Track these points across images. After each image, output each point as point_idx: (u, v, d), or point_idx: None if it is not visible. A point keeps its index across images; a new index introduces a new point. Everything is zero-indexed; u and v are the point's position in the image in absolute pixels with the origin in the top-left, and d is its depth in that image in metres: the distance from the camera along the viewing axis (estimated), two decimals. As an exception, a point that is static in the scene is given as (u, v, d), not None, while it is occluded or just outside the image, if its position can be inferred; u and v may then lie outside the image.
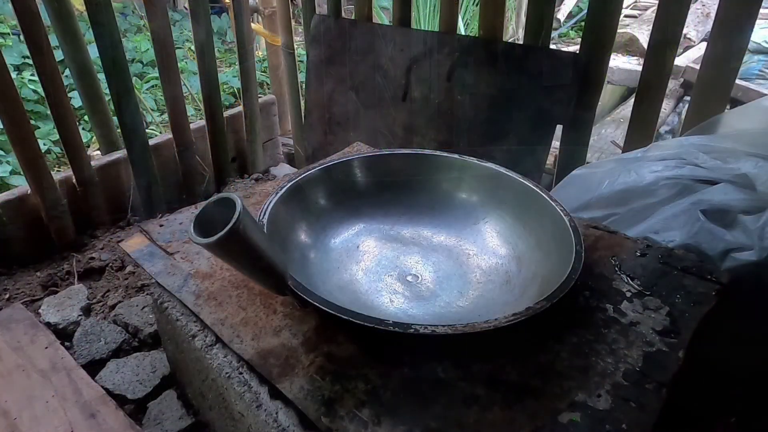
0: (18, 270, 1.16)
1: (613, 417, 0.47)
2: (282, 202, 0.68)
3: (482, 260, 0.70)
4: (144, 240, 0.74)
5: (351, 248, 0.72)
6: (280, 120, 1.69)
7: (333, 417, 0.48)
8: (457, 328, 0.50)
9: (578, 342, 0.55)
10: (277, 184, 0.78)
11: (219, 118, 1.43)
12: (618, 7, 0.93)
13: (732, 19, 0.81)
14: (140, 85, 2.18)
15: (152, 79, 2.22)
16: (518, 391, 0.50)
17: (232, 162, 1.53)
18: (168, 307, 0.65)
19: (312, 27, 1.32)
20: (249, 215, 0.45)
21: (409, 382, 0.51)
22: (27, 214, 1.15)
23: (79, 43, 1.17)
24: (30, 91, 1.92)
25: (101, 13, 1.12)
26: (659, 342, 0.54)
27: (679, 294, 0.61)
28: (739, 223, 0.74)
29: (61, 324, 0.97)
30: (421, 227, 0.75)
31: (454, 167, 0.77)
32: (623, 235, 0.71)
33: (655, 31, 0.89)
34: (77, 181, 1.21)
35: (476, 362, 0.52)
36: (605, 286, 0.62)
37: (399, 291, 0.66)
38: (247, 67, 1.45)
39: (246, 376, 0.55)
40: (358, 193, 0.76)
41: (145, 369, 0.86)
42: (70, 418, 0.73)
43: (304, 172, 0.74)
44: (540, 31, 1.00)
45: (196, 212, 0.47)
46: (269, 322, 0.58)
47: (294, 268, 0.56)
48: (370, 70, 1.24)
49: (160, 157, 1.34)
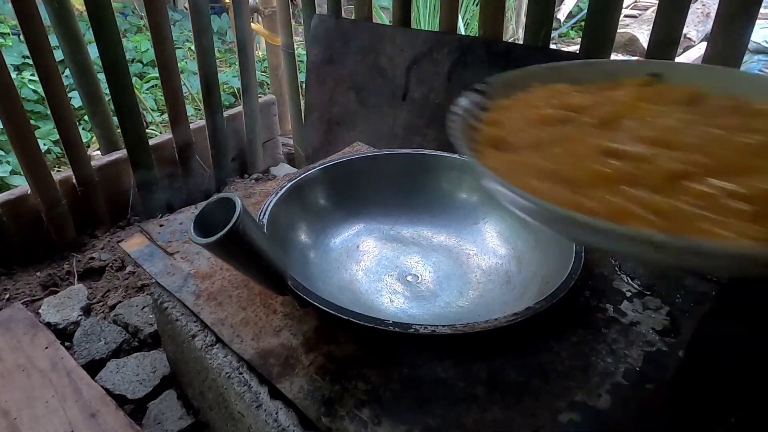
0: (18, 270, 1.16)
1: (613, 417, 0.47)
2: (282, 202, 0.68)
3: (482, 260, 0.70)
4: (144, 240, 0.74)
5: (351, 248, 0.72)
6: (280, 120, 1.69)
7: (333, 417, 0.48)
8: (457, 328, 0.50)
9: (578, 342, 0.55)
10: (277, 184, 0.78)
11: (219, 118, 1.43)
12: (618, 7, 0.93)
13: (732, 19, 0.81)
14: (140, 85, 2.18)
15: (152, 79, 2.22)
16: (518, 391, 0.50)
17: (232, 162, 1.53)
18: (168, 307, 0.65)
19: (312, 27, 1.32)
20: (249, 215, 0.45)
21: (409, 382, 0.51)
22: (27, 214, 1.15)
23: (79, 43, 1.17)
24: (30, 91, 1.92)
25: (101, 13, 1.12)
26: (659, 342, 0.55)
27: (679, 294, 0.61)
28: (739, 223, 0.74)
29: (61, 324, 0.97)
30: (421, 227, 0.75)
31: (454, 167, 0.77)
32: (623, 235, 0.71)
33: (655, 31, 0.89)
34: (77, 181, 1.21)
35: (476, 362, 0.52)
36: (605, 286, 0.62)
37: (399, 291, 0.66)
38: (247, 67, 1.45)
39: (246, 376, 0.55)
40: (358, 193, 0.76)
41: (145, 369, 0.86)
42: (70, 418, 0.73)
43: (304, 172, 0.74)
44: (540, 31, 1.00)
45: (196, 212, 0.47)
46: (269, 322, 0.58)
47: (294, 268, 0.56)
48: (370, 70, 1.24)
49: (160, 157, 1.34)
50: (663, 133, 0.37)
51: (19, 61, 2.10)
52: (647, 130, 0.37)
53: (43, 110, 1.89)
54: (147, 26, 1.24)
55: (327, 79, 1.33)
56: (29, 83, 1.93)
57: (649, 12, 3.28)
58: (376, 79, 1.23)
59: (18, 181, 1.56)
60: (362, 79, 1.26)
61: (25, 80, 1.95)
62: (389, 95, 1.22)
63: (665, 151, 0.35)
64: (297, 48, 1.59)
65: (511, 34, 2.77)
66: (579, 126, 0.39)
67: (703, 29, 2.90)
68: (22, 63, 2.10)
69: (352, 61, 1.26)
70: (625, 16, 3.27)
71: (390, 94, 1.22)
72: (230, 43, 2.85)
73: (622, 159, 0.34)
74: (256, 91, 1.52)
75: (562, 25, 3.35)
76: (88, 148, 1.67)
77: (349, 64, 1.27)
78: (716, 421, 0.68)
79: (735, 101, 0.40)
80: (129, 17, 2.83)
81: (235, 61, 1.98)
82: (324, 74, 1.33)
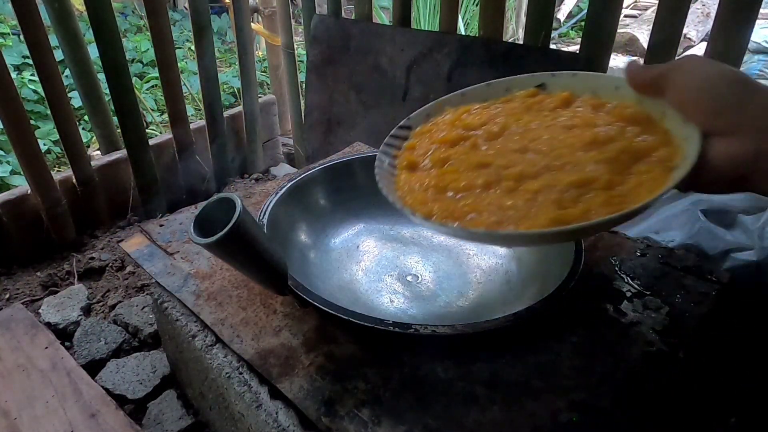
0: (18, 270, 1.16)
1: (613, 417, 0.47)
2: (282, 202, 0.68)
3: (482, 260, 0.70)
4: (144, 240, 0.74)
5: (351, 248, 0.72)
6: (280, 120, 1.69)
7: (333, 417, 0.48)
8: (457, 328, 0.50)
9: (578, 342, 0.55)
10: (277, 184, 0.78)
11: (219, 118, 1.43)
12: (618, 7, 0.93)
13: (732, 19, 0.81)
14: (140, 85, 2.18)
15: (152, 79, 2.22)
16: (518, 391, 0.50)
17: (232, 162, 1.53)
18: (168, 307, 0.65)
19: (312, 27, 1.32)
20: (249, 215, 0.45)
21: (409, 382, 0.51)
22: (27, 214, 1.15)
23: (79, 43, 1.17)
24: (30, 91, 1.92)
25: (101, 13, 1.12)
26: (659, 342, 0.55)
27: (679, 294, 0.61)
28: (739, 223, 0.74)
29: (61, 324, 0.97)
30: (420, 227, 0.75)
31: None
32: (623, 235, 0.71)
33: (655, 31, 0.89)
34: (77, 181, 1.21)
35: (476, 362, 0.52)
36: (605, 286, 0.62)
37: (399, 291, 0.66)
38: (247, 67, 1.45)
39: (246, 376, 0.55)
40: (358, 193, 0.76)
41: (145, 369, 0.86)
42: (70, 418, 0.73)
43: (304, 172, 0.74)
44: (540, 31, 1.00)
45: (196, 212, 0.47)
46: (269, 322, 0.58)
47: (294, 268, 0.56)
48: (370, 70, 1.24)
49: (160, 157, 1.34)
50: (527, 140, 0.46)
51: (19, 61, 2.10)
52: (519, 138, 0.46)
53: (43, 110, 1.89)
54: (147, 26, 1.24)
55: (327, 79, 1.33)
56: (29, 83, 1.93)
57: (649, 12, 3.28)
58: (376, 79, 1.23)
59: (18, 181, 1.56)
60: (362, 79, 1.26)
61: (25, 80, 1.95)
62: (389, 95, 1.22)
63: (523, 156, 0.44)
64: (297, 48, 1.59)
65: (511, 34, 2.77)
66: (471, 144, 0.48)
67: (703, 29, 2.90)
68: (22, 63, 2.10)
69: (352, 61, 1.26)
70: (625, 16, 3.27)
71: (390, 94, 1.22)
72: (230, 43, 2.85)
73: (490, 167, 0.45)
74: (256, 91, 1.52)
75: (562, 25, 3.35)
76: (88, 148, 1.67)
77: (349, 64, 1.27)
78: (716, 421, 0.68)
79: (596, 101, 0.48)
80: (129, 17, 2.83)
81: (235, 61, 1.98)
82: (324, 74, 1.33)
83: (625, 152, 0.42)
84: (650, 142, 0.42)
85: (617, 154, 0.42)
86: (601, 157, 0.42)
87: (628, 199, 0.39)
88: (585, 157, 0.42)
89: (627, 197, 0.39)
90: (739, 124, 0.37)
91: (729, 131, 0.37)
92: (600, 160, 0.42)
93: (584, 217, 0.38)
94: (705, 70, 0.39)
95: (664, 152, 0.41)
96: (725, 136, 0.37)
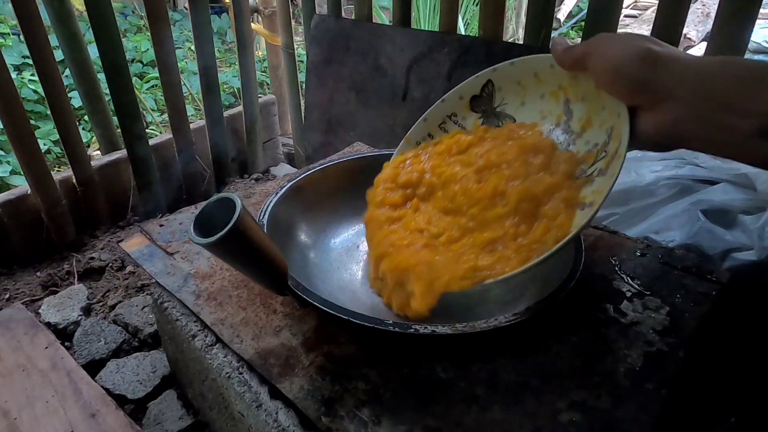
0: (18, 270, 1.16)
1: (613, 417, 0.47)
2: (282, 202, 0.68)
3: (482, 260, 0.70)
4: (144, 240, 0.73)
5: (351, 248, 0.72)
6: (280, 120, 1.69)
7: (333, 417, 0.48)
8: (457, 328, 0.50)
9: (578, 342, 0.55)
10: (277, 184, 0.78)
11: (219, 118, 1.43)
12: (618, 7, 0.93)
13: (732, 19, 0.81)
14: (140, 85, 2.18)
15: (152, 79, 2.22)
16: (518, 391, 0.50)
17: (232, 162, 1.53)
18: (168, 307, 0.65)
19: (312, 27, 1.32)
20: (249, 215, 0.45)
21: (409, 382, 0.51)
22: (27, 214, 1.15)
23: (79, 43, 1.17)
24: (30, 91, 1.92)
25: (101, 13, 1.12)
26: (659, 342, 0.54)
27: (679, 294, 0.61)
28: (739, 223, 0.74)
29: (61, 324, 0.97)
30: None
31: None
32: (623, 235, 0.71)
33: (655, 31, 0.89)
34: (77, 181, 1.21)
35: (476, 362, 0.52)
36: (605, 286, 0.62)
37: (399, 291, 0.66)
38: (247, 67, 1.45)
39: (246, 376, 0.55)
40: (358, 193, 0.76)
41: (145, 369, 0.86)
42: (70, 418, 0.73)
43: (304, 172, 0.74)
44: (540, 31, 1.00)
45: (196, 212, 0.47)
46: (269, 322, 0.58)
47: (294, 268, 0.56)
48: (370, 70, 1.24)
49: (160, 157, 1.34)
50: (447, 200, 0.58)
51: (19, 61, 2.10)
52: (442, 196, 0.59)
53: (43, 110, 1.90)
54: (147, 26, 1.24)
55: (327, 79, 1.33)
56: (29, 83, 1.94)
57: (649, 12, 3.28)
58: (376, 79, 1.23)
59: (18, 181, 1.56)
60: (362, 79, 1.26)
61: (25, 80, 1.95)
62: (389, 95, 1.22)
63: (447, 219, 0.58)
64: (297, 48, 1.59)
65: (511, 34, 2.77)
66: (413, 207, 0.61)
67: (703, 29, 2.90)
68: (22, 63, 2.10)
69: (352, 61, 1.26)
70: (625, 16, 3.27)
71: (390, 94, 1.22)
72: (230, 43, 2.85)
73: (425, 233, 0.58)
74: (256, 91, 1.52)
75: (562, 25, 3.35)
76: (88, 148, 1.67)
77: (349, 64, 1.27)
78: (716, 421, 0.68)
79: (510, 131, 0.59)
80: (129, 17, 2.84)
81: (235, 61, 1.98)
82: (324, 74, 1.33)
83: (525, 200, 0.51)
84: (550, 181, 0.51)
85: (517, 205, 0.52)
86: (503, 212, 0.52)
87: (537, 244, 0.49)
88: (491, 214, 0.53)
89: (536, 243, 0.49)
90: (657, 99, 0.41)
91: (650, 105, 0.42)
92: (502, 214, 0.52)
93: (498, 265, 0.50)
94: (617, 53, 0.43)
95: (567, 193, 0.49)
96: (649, 110, 0.42)
